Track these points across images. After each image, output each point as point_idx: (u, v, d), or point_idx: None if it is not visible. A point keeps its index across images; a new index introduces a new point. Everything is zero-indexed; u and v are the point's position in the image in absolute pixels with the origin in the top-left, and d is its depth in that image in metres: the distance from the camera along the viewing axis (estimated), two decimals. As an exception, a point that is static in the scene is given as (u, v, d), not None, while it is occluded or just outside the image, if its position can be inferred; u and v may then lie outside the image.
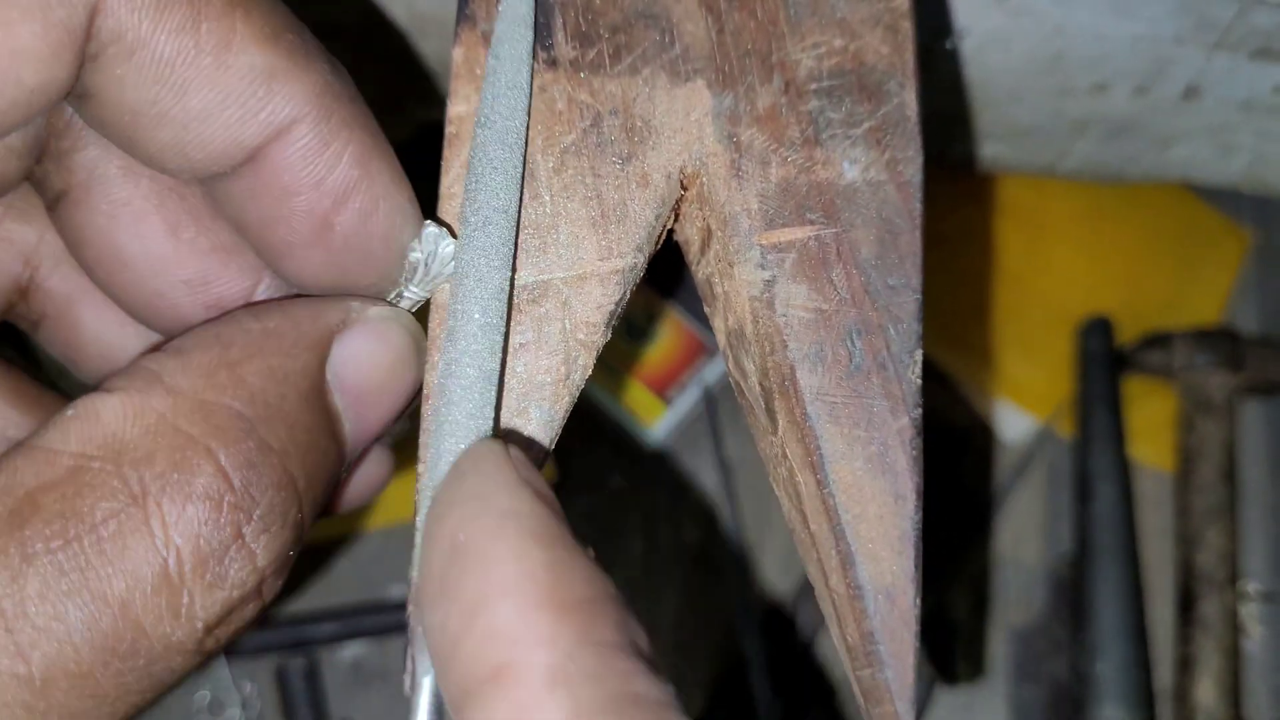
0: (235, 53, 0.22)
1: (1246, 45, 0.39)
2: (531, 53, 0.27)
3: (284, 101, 0.23)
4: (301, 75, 0.23)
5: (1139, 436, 0.56)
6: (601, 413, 0.55)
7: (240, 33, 0.22)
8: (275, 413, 0.22)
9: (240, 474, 0.21)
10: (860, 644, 0.26)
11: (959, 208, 0.59)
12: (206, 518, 0.21)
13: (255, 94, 0.22)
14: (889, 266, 0.27)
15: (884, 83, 0.28)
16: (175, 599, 0.20)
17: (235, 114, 0.22)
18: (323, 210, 0.24)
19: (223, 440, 0.21)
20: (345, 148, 0.24)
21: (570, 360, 0.26)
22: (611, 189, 0.27)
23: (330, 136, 0.23)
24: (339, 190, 0.24)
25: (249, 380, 0.22)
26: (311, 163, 0.23)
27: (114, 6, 0.21)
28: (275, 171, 0.23)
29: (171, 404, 0.21)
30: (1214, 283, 0.60)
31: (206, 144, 0.23)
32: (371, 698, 0.51)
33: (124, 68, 0.21)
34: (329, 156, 0.23)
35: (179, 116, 0.22)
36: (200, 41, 0.22)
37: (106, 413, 0.21)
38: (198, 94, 0.22)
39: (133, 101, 0.22)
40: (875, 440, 0.26)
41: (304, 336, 0.24)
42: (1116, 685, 0.49)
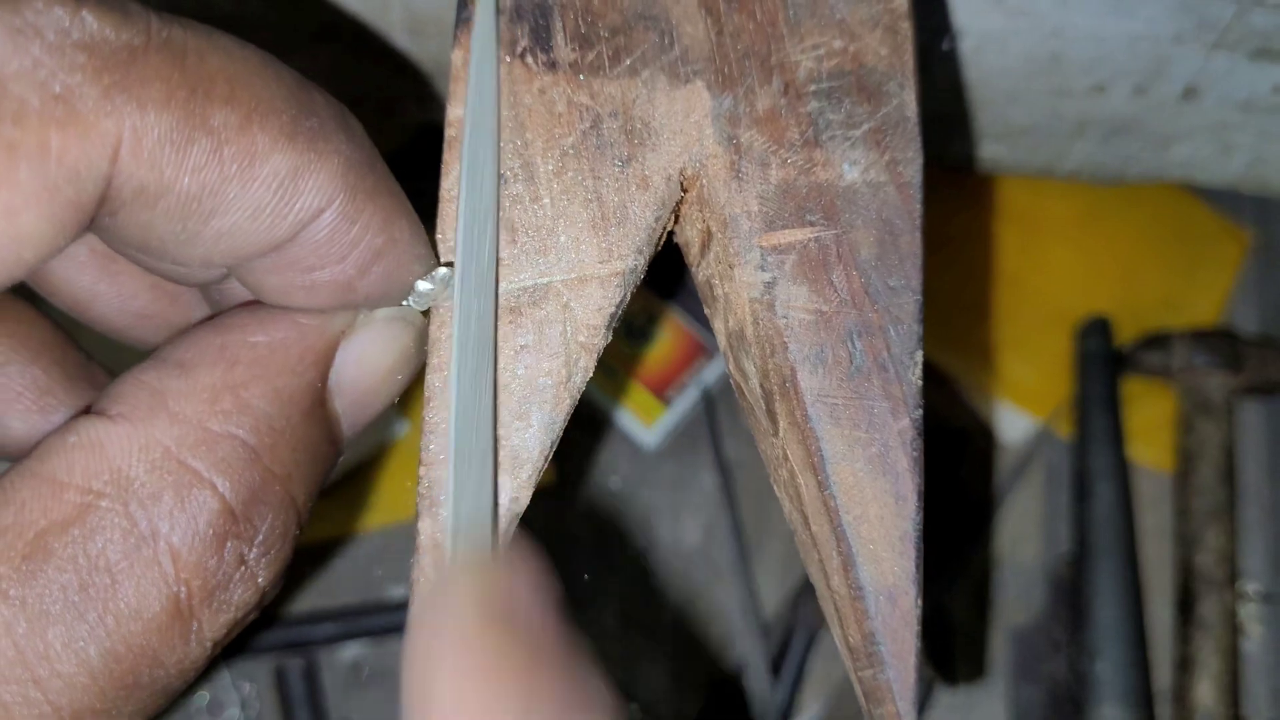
0: (259, 165, 0.21)
1: (1246, 45, 0.39)
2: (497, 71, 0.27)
3: (311, 194, 0.22)
4: (324, 161, 0.22)
5: (1138, 437, 0.56)
6: (601, 413, 0.55)
7: (260, 143, 0.21)
8: (280, 437, 0.23)
9: (244, 506, 0.22)
10: (862, 645, 0.26)
11: (958, 209, 0.59)
12: (213, 552, 0.21)
13: (283, 197, 0.22)
14: (889, 268, 0.27)
15: (884, 84, 0.28)
16: (186, 627, 0.21)
17: (265, 221, 0.22)
18: (347, 279, 0.24)
19: (228, 473, 0.22)
20: (371, 219, 0.23)
21: (571, 363, 0.26)
22: (611, 191, 0.27)
23: (356, 213, 0.23)
24: (364, 261, 0.23)
25: (254, 405, 0.22)
26: (337, 243, 0.23)
27: (131, 170, 0.20)
28: (301, 252, 0.23)
29: (177, 435, 0.21)
30: (1213, 283, 0.60)
31: (236, 252, 0.22)
32: (371, 698, 0.51)
33: (149, 214, 0.21)
34: (355, 233, 0.23)
35: (208, 236, 0.22)
36: (224, 169, 0.21)
37: (111, 445, 0.21)
38: (227, 215, 0.21)
39: (160, 234, 0.21)
40: (876, 441, 0.26)
41: (310, 350, 0.24)
42: (1116, 685, 0.49)
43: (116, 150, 0.19)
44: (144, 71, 0.20)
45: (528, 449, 0.25)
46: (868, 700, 0.26)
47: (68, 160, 0.19)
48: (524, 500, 0.25)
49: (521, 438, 0.25)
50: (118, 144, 0.19)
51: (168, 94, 0.20)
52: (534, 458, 0.25)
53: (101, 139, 0.19)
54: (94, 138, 0.19)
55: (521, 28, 0.27)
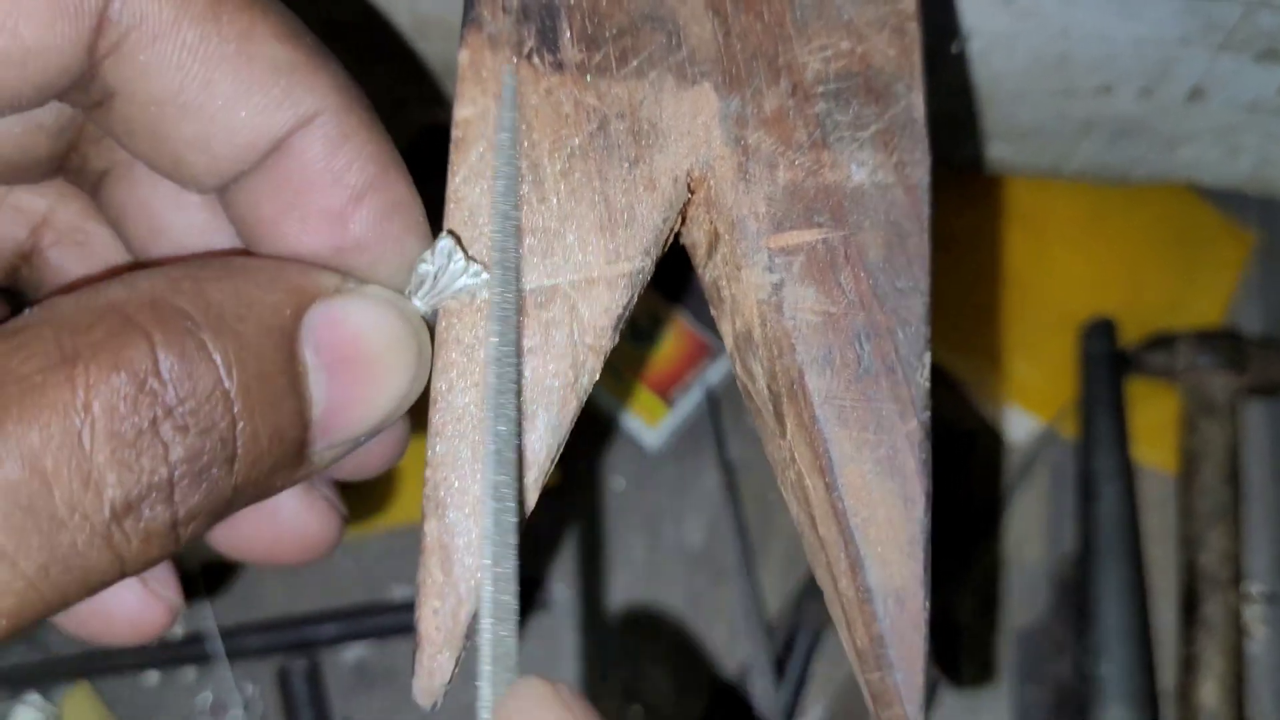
0: (258, 43, 0.22)
1: (1252, 47, 0.39)
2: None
3: (307, 92, 0.23)
4: (322, 71, 0.23)
5: (1142, 438, 0.56)
6: (605, 414, 0.55)
7: (260, 28, 0.22)
8: (227, 329, 0.21)
9: (170, 362, 0.20)
10: (870, 647, 0.26)
11: (964, 210, 0.59)
12: (126, 393, 0.20)
13: (279, 84, 0.22)
14: (897, 269, 0.27)
15: (891, 85, 0.28)
16: (84, 465, 0.20)
17: (261, 102, 0.22)
18: (339, 206, 0.23)
19: (163, 329, 0.21)
20: (365, 145, 0.23)
21: (578, 365, 0.26)
22: (619, 192, 0.27)
23: (351, 131, 0.23)
24: (357, 187, 0.23)
25: (210, 293, 0.22)
26: (331, 154, 0.23)
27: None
28: (296, 164, 0.23)
29: (125, 296, 0.21)
30: (1217, 284, 0.60)
31: (233, 136, 0.23)
32: (374, 699, 0.51)
33: (147, 54, 0.21)
34: (349, 150, 0.23)
35: (205, 107, 0.22)
36: (222, 31, 0.21)
37: (62, 297, 0.21)
38: (223, 83, 0.22)
39: (158, 91, 0.22)
40: (884, 443, 0.26)
41: (286, 280, 0.23)
42: (1120, 686, 0.49)
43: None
44: None
45: (534, 451, 0.25)
46: (875, 703, 0.26)
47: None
48: (530, 502, 0.25)
49: (528, 440, 0.25)
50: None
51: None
52: (540, 460, 0.25)
53: None
54: None
55: (528, 28, 0.27)
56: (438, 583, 0.25)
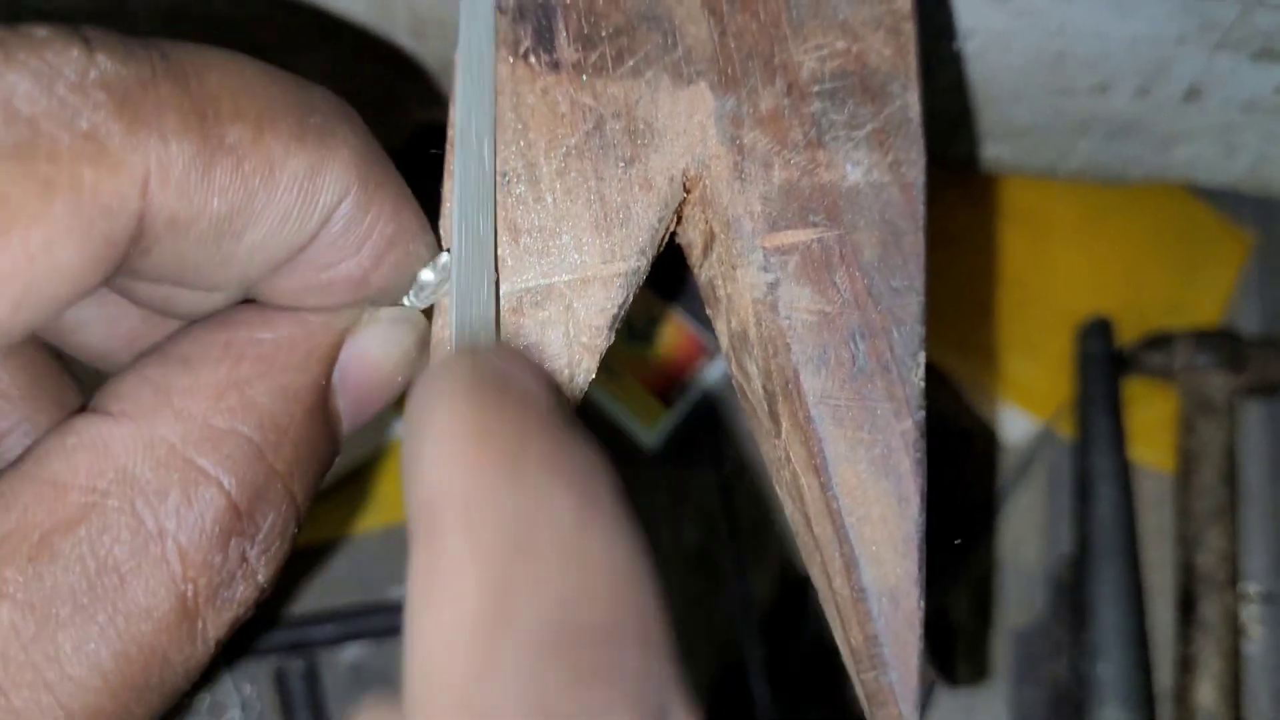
0: (279, 173, 0.21)
1: (1249, 46, 0.39)
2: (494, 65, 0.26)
3: (329, 190, 0.22)
4: (335, 154, 0.22)
5: (1139, 438, 0.56)
6: (601, 414, 0.55)
7: (276, 150, 0.21)
8: (283, 434, 0.23)
9: (249, 503, 0.22)
10: (864, 647, 0.26)
11: (960, 209, 0.59)
12: (218, 549, 0.21)
13: (305, 198, 0.22)
14: (892, 269, 0.27)
15: (887, 84, 0.28)
16: (192, 626, 0.21)
17: (293, 224, 0.22)
18: (362, 272, 0.24)
19: (233, 470, 0.22)
20: (382, 208, 0.23)
21: (573, 364, 0.26)
22: (614, 192, 0.27)
23: (369, 202, 0.23)
24: (378, 250, 0.23)
25: (259, 402, 0.22)
26: (353, 233, 0.23)
27: (161, 201, 0.20)
28: (319, 249, 0.23)
29: (181, 432, 0.21)
30: (1215, 284, 0.60)
31: (269, 261, 0.22)
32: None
33: (183, 244, 0.21)
34: (369, 221, 0.23)
35: (242, 253, 0.22)
36: (249, 184, 0.21)
37: (115, 443, 0.21)
38: (257, 227, 0.21)
39: (195, 261, 0.22)
40: (879, 443, 0.26)
41: (316, 347, 0.24)
42: (1117, 687, 0.49)
43: (146, 183, 0.20)
44: (158, 103, 0.20)
45: (530, 450, 0.25)
46: (870, 702, 0.26)
47: (101, 196, 0.19)
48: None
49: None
50: (146, 177, 0.20)
51: (183, 122, 0.20)
52: (536, 459, 0.25)
53: (130, 173, 0.19)
54: (123, 172, 0.19)
55: (524, 28, 0.27)
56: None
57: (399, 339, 0.25)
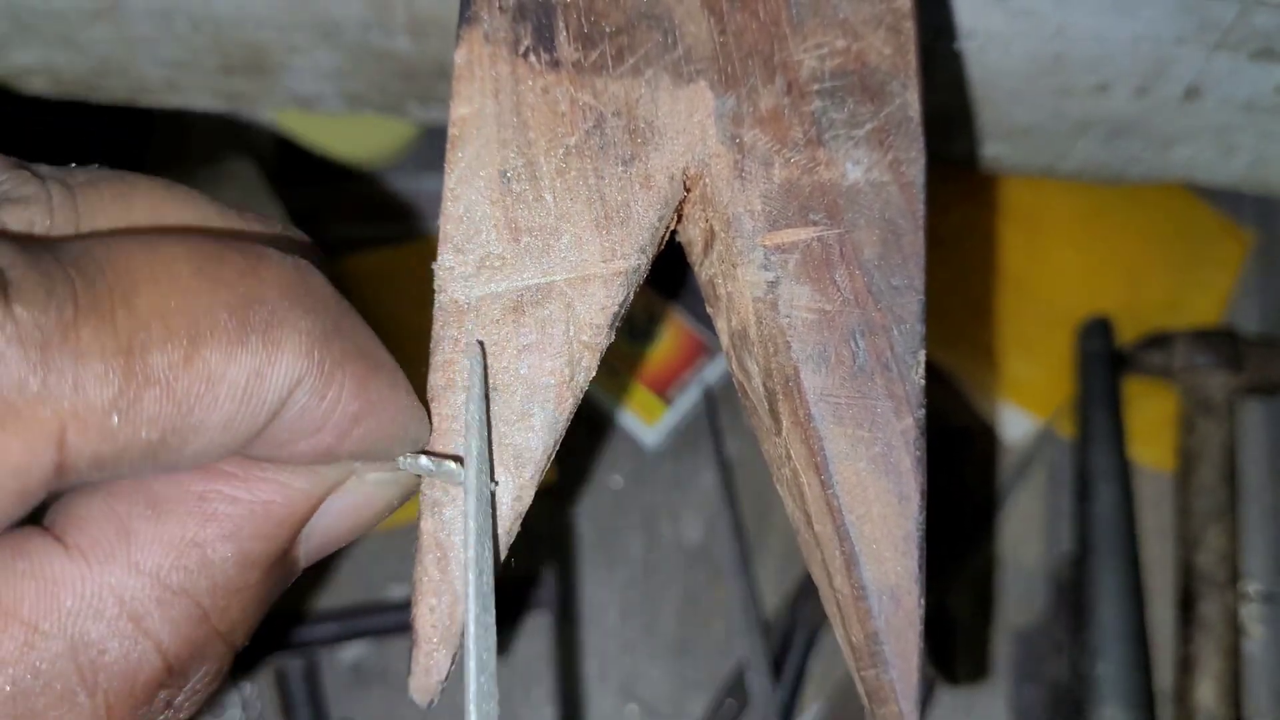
0: (217, 385, 0.20)
1: (1248, 46, 0.39)
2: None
3: (278, 384, 0.21)
4: (283, 348, 0.21)
5: (1139, 437, 0.56)
6: (602, 413, 0.55)
7: (213, 363, 0.20)
8: (234, 598, 0.22)
9: (183, 663, 0.21)
10: (865, 644, 0.26)
11: (960, 208, 0.59)
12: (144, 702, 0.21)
13: (250, 400, 0.21)
14: (892, 267, 0.27)
15: (886, 83, 0.28)
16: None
17: (238, 427, 0.21)
18: (326, 446, 0.23)
19: (175, 634, 0.21)
20: (342, 388, 0.22)
21: (574, 362, 0.26)
22: (614, 190, 0.27)
23: (325, 386, 0.22)
24: (341, 428, 0.22)
25: (217, 566, 0.22)
26: (310, 417, 0.22)
27: (80, 446, 0.19)
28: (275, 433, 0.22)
29: (133, 588, 0.21)
30: (1214, 283, 0.60)
31: (214, 457, 0.21)
32: (371, 698, 0.51)
33: (114, 470, 0.20)
34: (327, 404, 0.22)
35: (185, 461, 0.21)
36: (181, 406, 0.20)
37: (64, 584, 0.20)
38: (198, 437, 0.20)
39: (134, 475, 0.21)
40: (879, 441, 0.26)
41: (291, 516, 0.23)
42: (1117, 686, 0.49)
43: (61, 436, 0.19)
44: (77, 350, 0.19)
45: (530, 448, 0.25)
46: (870, 700, 0.26)
47: (10, 459, 0.18)
48: (527, 499, 0.25)
49: (524, 437, 0.25)
50: (61, 431, 0.18)
51: (104, 365, 0.19)
52: (537, 457, 0.25)
53: (42, 431, 0.18)
54: (35, 430, 0.18)
55: (524, 27, 0.27)
56: (434, 581, 0.25)
57: (380, 499, 0.24)
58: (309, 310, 0.22)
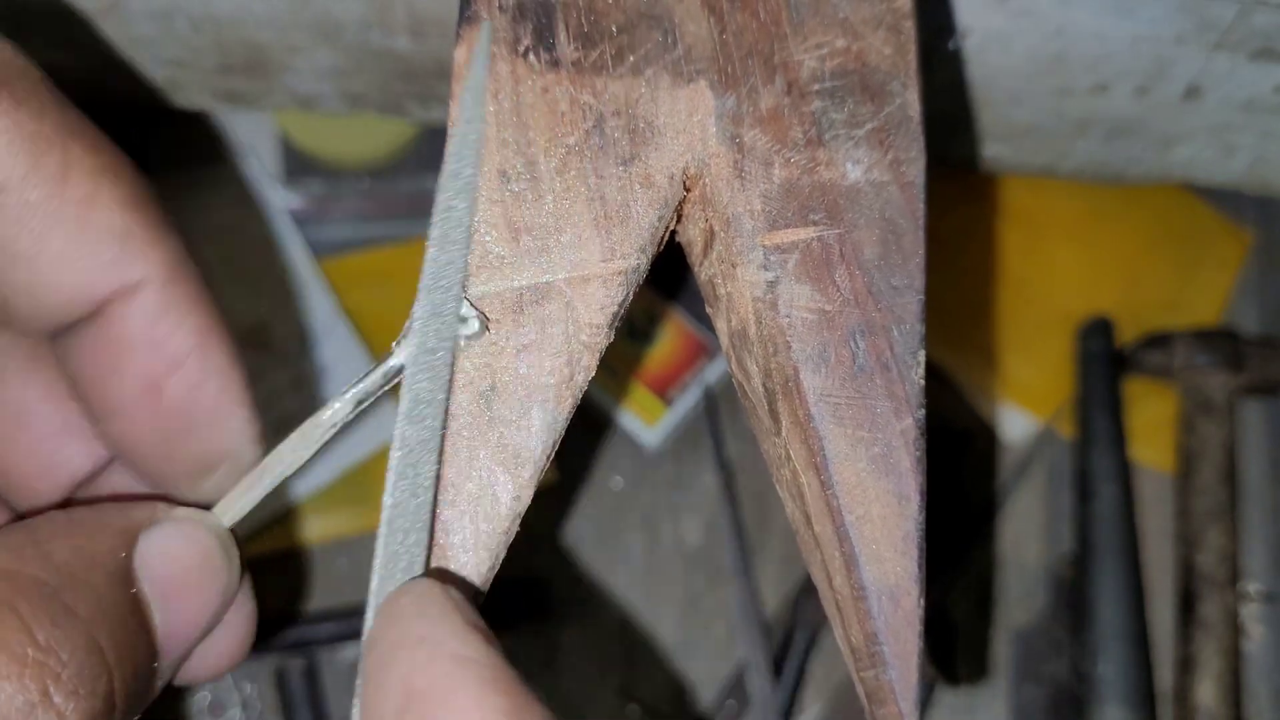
0: (98, 210, 0.23)
1: (1247, 45, 0.39)
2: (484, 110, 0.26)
3: (135, 262, 0.24)
4: (156, 243, 0.24)
5: (1139, 437, 0.56)
6: (602, 413, 0.55)
7: (105, 194, 0.23)
8: (80, 583, 0.23)
9: (44, 631, 0.21)
10: (864, 645, 0.26)
11: (960, 208, 0.59)
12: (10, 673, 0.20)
13: (110, 250, 0.23)
14: (892, 267, 0.27)
15: (887, 83, 0.28)
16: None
17: (88, 264, 0.23)
18: (154, 373, 0.25)
19: (27, 599, 0.21)
20: (185, 318, 0.25)
21: (574, 361, 0.26)
22: (614, 190, 0.27)
23: (172, 305, 0.24)
24: (173, 356, 0.25)
25: (54, 554, 0.23)
26: (151, 324, 0.24)
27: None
28: (116, 328, 0.24)
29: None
30: (1214, 283, 0.60)
31: (57, 291, 0.24)
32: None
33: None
34: (169, 322, 0.24)
35: (35, 259, 0.23)
36: (66, 193, 0.23)
37: None
38: (56, 241, 0.23)
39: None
40: (879, 441, 0.26)
41: (109, 525, 0.24)
42: (1117, 686, 0.49)
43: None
44: (28, 86, 0.22)
45: (530, 448, 0.25)
46: (870, 701, 0.26)
47: None
48: (526, 499, 0.25)
49: (524, 437, 0.25)
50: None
51: (40, 110, 0.22)
52: (536, 457, 0.25)
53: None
54: None
55: (524, 26, 0.27)
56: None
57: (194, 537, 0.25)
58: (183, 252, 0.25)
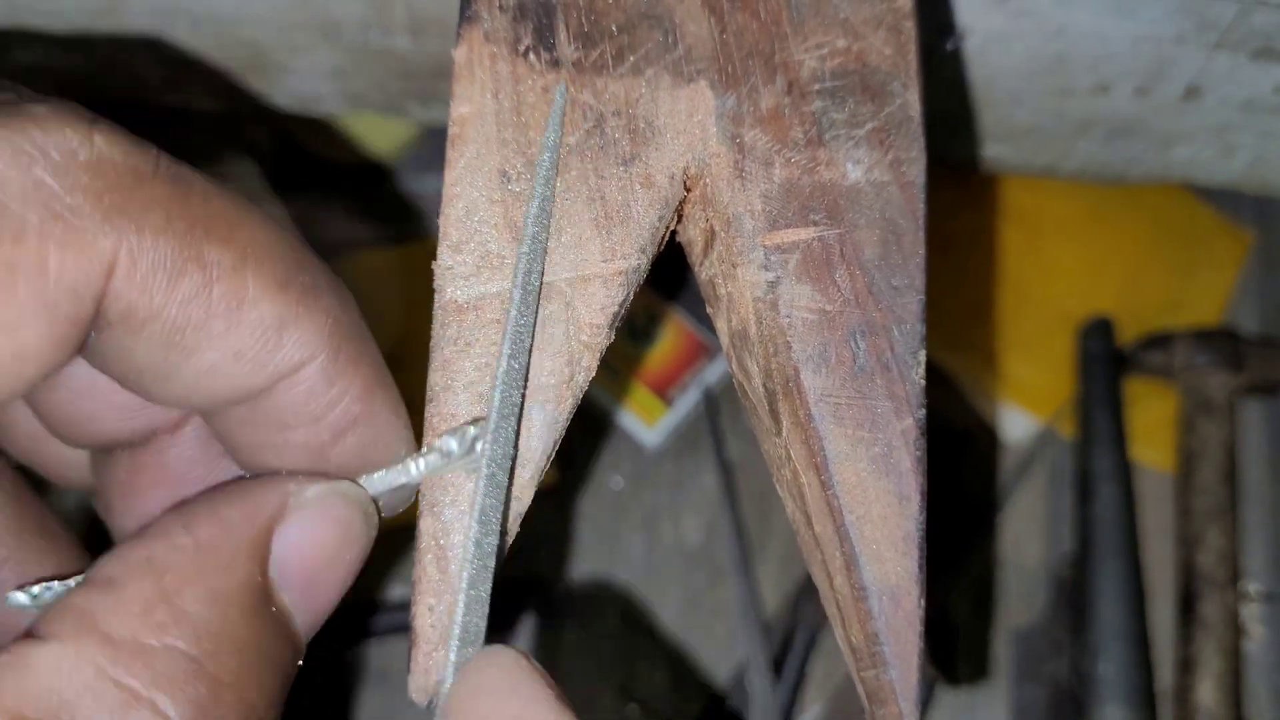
0: (247, 309, 0.21)
1: (1247, 45, 0.39)
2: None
3: (295, 348, 0.22)
4: (312, 318, 0.22)
5: (1140, 437, 0.56)
6: (603, 413, 0.55)
7: (252, 288, 0.21)
8: (222, 642, 0.21)
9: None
10: (865, 645, 0.26)
11: (960, 209, 0.59)
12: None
13: (266, 345, 0.22)
14: (893, 267, 0.27)
15: (887, 83, 0.28)
16: None
17: (246, 367, 0.22)
18: (320, 443, 0.23)
19: (169, 688, 0.20)
20: (350, 385, 0.23)
21: (574, 361, 0.26)
22: (615, 190, 0.27)
23: (336, 375, 0.23)
24: (339, 427, 0.23)
25: (189, 611, 0.21)
26: (315, 401, 0.23)
27: (121, 290, 0.20)
28: (277, 408, 0.23)
29: (109, 654, 0.20)
30: (1215, 283, 0.60)
31: (213, 393, 0.22)
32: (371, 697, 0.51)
33: (133, 339, 0.21)
34: (333, 395, 0.23)
35: (188, 373, 0.22)
36: (212, 306, 0.21)
37: (41, 664, 0.20)
38: (208, 353, 0.21)
39: (140, 363, 0.21)
40: (879, 441, 0.26)
41: (242, 544, 0.22)
42: (1118, 686, 0.49)
43: (112, 269, 0.20)
44: (146, 198, 0.20)
45: (530, 449, 0.25)
46: (870, 701, 0.26)
47: (66, 278, 0.19)
48: (526, 500, 0.25)
49: (524, 437, 0.25)
50: (113, 263, 0.20)
51: (166, 222, 0.20)
52: (536, 458, 0.25)
53: (99, 258, 0.19)
54: (91, 255, 0.19)
55: (525, 26, 0.27)
56: (433, 581, 0.25)
57: (335, 519, 0.24)
58: (342, 304, 0.23)
